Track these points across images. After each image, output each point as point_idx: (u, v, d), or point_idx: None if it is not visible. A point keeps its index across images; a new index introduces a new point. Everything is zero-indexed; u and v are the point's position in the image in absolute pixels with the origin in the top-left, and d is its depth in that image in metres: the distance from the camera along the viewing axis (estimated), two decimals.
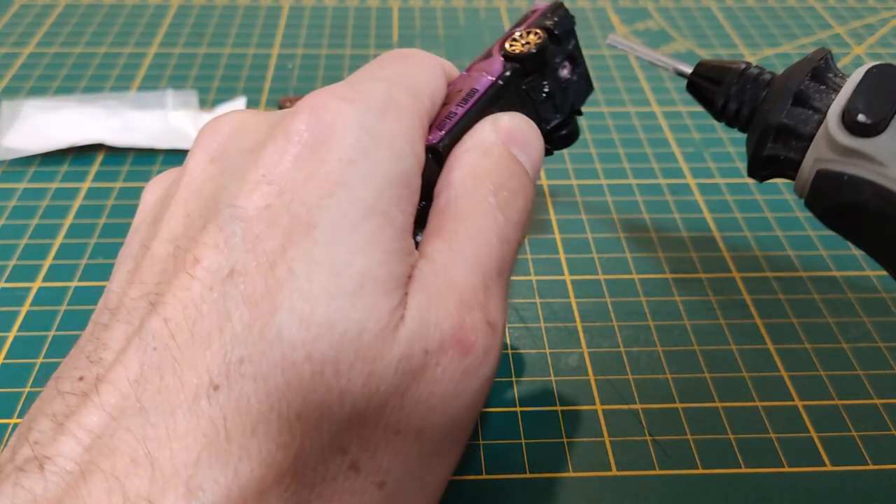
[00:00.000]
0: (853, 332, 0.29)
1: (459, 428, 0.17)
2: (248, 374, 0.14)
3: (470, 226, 0.17)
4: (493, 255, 0.17)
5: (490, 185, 0.18)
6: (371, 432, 0.15)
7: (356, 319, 0.15)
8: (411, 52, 0.21)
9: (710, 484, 0.24)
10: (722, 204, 0.35)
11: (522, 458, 0.24)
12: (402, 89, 0.19)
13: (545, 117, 0.23)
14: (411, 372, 0.15)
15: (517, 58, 0.21)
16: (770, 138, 0.20)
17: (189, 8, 0.51)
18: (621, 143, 0.39)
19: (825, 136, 0.18)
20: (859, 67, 0.19)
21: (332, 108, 0.17)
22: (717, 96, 0.21)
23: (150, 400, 0.14)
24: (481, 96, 0.21)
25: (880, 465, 0.24)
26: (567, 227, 0.34)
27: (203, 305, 0.15)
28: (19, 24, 0.48)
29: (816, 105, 0.19)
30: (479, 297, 0.17)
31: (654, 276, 0.31)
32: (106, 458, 0.13)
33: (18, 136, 0.37)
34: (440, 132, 0.20)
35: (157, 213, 0.18)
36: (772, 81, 0.20)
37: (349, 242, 0.15)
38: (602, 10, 0.52)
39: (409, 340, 0.15)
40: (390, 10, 0.52)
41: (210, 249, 0.16)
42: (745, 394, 0.27)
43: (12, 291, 0.30)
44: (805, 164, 0.19)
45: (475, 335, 0.16)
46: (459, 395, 0.16)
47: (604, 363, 0.28)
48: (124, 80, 0.43)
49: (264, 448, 0.14)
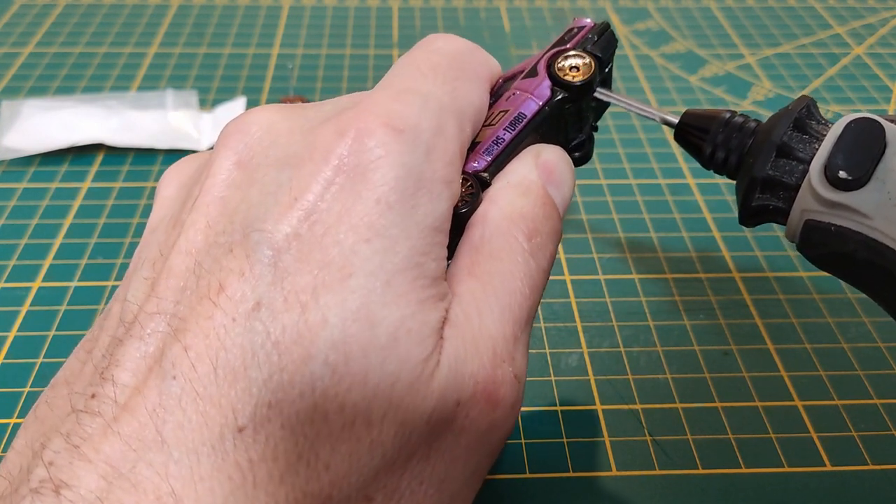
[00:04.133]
0: (853, 332, 0.29)
1: (477, 476, 0.17)
2: (276, 419, 0.14)
3: (503, 269, 0.17)
4: (524, 305, 0.17)
5: (525, 228, 0.18)
6: (397, 482, 0.15)
7: (390, 372, 0.15)
8: (466, 57, 0.20)
9: (710, 484, 0.24)
10: (722, 204, 0.35)
11: (522, 458, 0.24)
12: (451, 117, 0.18)
13: (572, 137, 0.22)
14: (443, 421, 0.15)
15: (567, 86, 0.21)
16: (757, 190, 0.20)
17: (189, 8, 0.51)
18: (621, 143, 0.39)
19: (809, 189, 0.19)
20: (840, 120, 0.19)
21: (379, 139, 0.16)
22: (704, 145, 0.21)
23: (173, 434, 0.13)
24: (528, 122, 0.20)
25: (880, 465, 0.24)
26: (567, 227, 0.34)
27: (227, 339, 0.14)
28: (19, 24, 0.48)
29: (800, 155, 0.19)
30: (510, 349, 0.17)
31: (654, 277, 0.31)
32: (129, 494, 0.13)
33: (18, 136, 0.37)
34: (487, 158, 0.19)
35: (175, 212, 0.17)
36: (756, 130, 0.21)
37: (384, 295, 0.15)
38: (602, 11, 0.52)
39: (444, 390, 0.15)
40: (390, 10, 0.52)
41: (235, 276, 0.15)
42: (745, 394, 0.27)
43: (12, 291, 0.30)
44: (793, 214, 0.20)
45: (504, 388, 0.16)
46: (483, 447, 0.16)
47: (604, 363, 0.28)
48: (124, 80, 0.43)
49: (291, 497, 0.14)
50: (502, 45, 0.48)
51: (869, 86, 0.44)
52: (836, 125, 0.19)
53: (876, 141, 0.18)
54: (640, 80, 0.45)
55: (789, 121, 0.20)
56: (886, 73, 0.46)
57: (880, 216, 0.18)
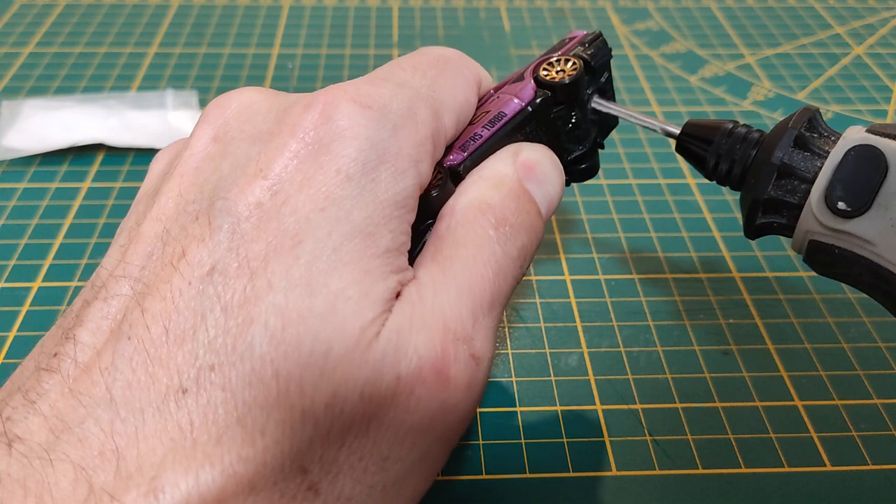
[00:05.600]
0: (853, 332, 0.29)
1: (428, 462, 0.16)
2: (217, 383, 0.14)
3: (465, 254, 0.17)
4: (486, 288, 0.17)
5: (492, 217, 0.18)
6: (334, 455, 0.15)
7: (323, 340, 0.15)
8: (451, 58, 0.20)
9: (710, 484, 0.24)
10: (722, 204, 0.35)
11: (522, 458, 0.24)
12: (425, 104, 0.18)
13: (568, 148, 0.22)
14: (381, 396, 0.15)
15: (550, 86, 0.21)
16: (760, 210, 0.20)
17: (189, 8, 0.51)
18: (621, 143, 0.39)
19: (811, 214, 0.19)
20: (840, 142, 0.19)
21: (345, 112, 0.17)
22: (707, 156, 0.21)
23: (121, 394, 0.14)
24: (508, 121, 0.20)
25: (880, 465, 0.24)
26: (567, 227, 0.34)
27: (181, 302, 0.15)
28: (19, 24, 0.48)
29: (802, 174, 0.19)
30: (466, 328, 0.16)
31: (654, 276, 0.31)
32: (74, 448, 0.13)
33: (18, 136, 0.37)
34: (463, 153, 0.19)
35: (158, 185, 0.18)
36: (759, 142, 0.20)
37: (329, 263, 0.15)
38: (602, 10, 0.52)
39: (380, 363, 0.15)
40: (390, 10, 0.52)
41: (196, 242, 0.15)
42: (745, 394, 0.27)
43: (12, 291, 0.30)
44: (797, 232, 0.19)
45: (457, 368, 0.16)
46: (433, 428, 0.16)
47: (604, 363, 0.28)
48: (124, 80, 0.43)
49: (227, 459, 0.14)
50: (502, 45, 0.48)
51: (869, 86, 0.44)
52: (835, 149, 0.19)
53: (876, 169, 0.18)
54: (640, 80, 0.45)
55: (790, 139, 0.19)
56: (886, 73, 0.46)
57: (884, 243, 0.18)
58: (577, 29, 0.23)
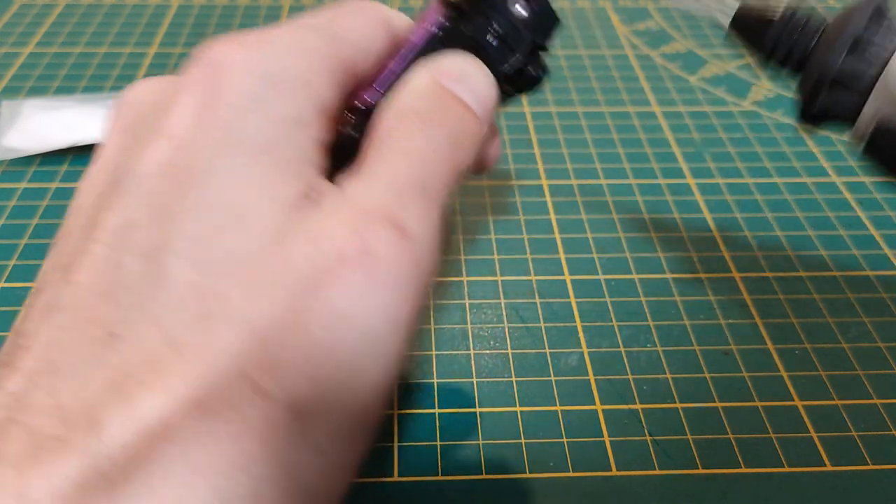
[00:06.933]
0: (853, 332, 0.29)
1: (380, 347, 0.15)
2: (142, 319, 0.15)
3: (383, 150, 0.17)
4: (411, 171, 0.16)
5: (415, 117, 0.17)
6: (274, 355, 0.15)
7: (233, 250, 0.15)
8: (351, 1, 0.20)
9: (710, 484, 0.24)
10: (722, 204, 0.35)
11: (522, 458, 0.24)
12: (314, 34, 0.18)
13: (500, 59, 0.20)
14: (303, 289, 0.15)
15: (451, 3, 0.20)
16: (824, 89, 0.18)
17: (189, 8, 0.51)
18: (621, 143, 0.39)
19: (885, 90, 0.17)
20: None
21: (224, 54, 0.17)
22: (766, 37, 0.20)
23: (61, 358, 0.15)
24: (420, 49, 0.19)
25: (880, 465, 0.24)
26: (567, 227, 0.34)
27: (102, 263, 0.16)
28: (19, 24, 0.48)
29: (877, 53, 0.18)
30: (387, 207, 0.16)
31: (654, 276, 0.31)
32: (21, 412, 0.14)
33: (18, 136, 0.37)
34: (378, 90, 0.19)
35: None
36: (823, 26, 0.19)
37: (235, 180, 0.16)
38: (602, 10, 0.52)
39: (292, 257, 0.15)
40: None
41: (109, 212, 0.16)
42: (745, 394, 0.27)
43: (12, 291, 0.30)
44: (863, 117, 0.18)
45: (380, 244, 0.15)
46: (370, 307, 0.15)
47: (604, 363, 0.28)
48: (124, 80, 0.43)
49: (167, 383, 0.14)
50: None
51: None
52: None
53: None
54: (641, 80, 0.45)
55: (867, 12, 0.18)
56: None
57: None
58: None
